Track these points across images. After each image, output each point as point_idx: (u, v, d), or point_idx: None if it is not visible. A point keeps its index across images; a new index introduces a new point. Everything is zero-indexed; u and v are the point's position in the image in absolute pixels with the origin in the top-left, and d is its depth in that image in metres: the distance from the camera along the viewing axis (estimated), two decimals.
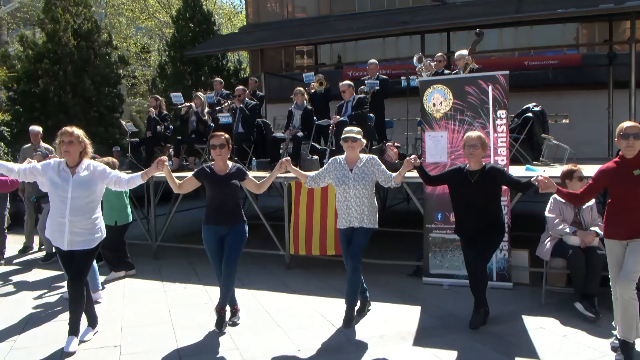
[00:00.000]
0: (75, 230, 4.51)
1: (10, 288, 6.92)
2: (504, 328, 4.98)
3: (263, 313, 5.62)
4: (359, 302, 5.39)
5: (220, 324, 5.08)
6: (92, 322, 5.06)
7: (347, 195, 5.07)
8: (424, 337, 4.85)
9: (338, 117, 8.42)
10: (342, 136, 5.13)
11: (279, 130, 11.19)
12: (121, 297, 6.36)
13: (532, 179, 4.42)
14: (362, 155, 5.16)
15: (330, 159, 5.28)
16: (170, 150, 10.61)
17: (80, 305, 4.72)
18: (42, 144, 8.85)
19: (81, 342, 4.79)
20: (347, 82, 8.62)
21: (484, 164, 5.00)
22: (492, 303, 5.26)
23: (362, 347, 4.65)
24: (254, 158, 9.23)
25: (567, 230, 5.46)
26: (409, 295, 6.12)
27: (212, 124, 9.67)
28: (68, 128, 4.56)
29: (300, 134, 8.73)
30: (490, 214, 4.96)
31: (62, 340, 4.87)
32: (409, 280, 6.79)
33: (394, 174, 5.09)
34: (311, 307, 5.79)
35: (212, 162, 5.13)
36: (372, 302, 5.65)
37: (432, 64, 8.62)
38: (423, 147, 6.73)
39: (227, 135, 5.09)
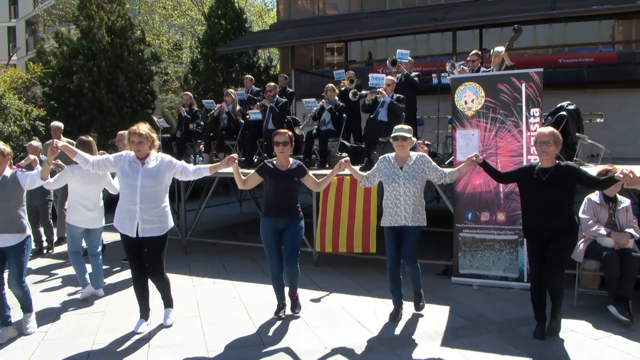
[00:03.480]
0: (145, 218, 4.79)
1: (43, 279, 7.07)
2: None
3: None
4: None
5: (279, 311, 5.49)
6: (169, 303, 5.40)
7: (397, 194, 5.06)
8: (453, 337, 4.81)
9: (382, 92, 8.31)
10: (392, 135, 5.10)
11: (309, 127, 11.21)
12: (150, 290, 6.42)
13: (615, 175, 4.25)
14: (412, 153, 5.18)
15: (380, 157, 5.30)
16: (201, 146, 10.75)
17: (167, 287, 5.27)
18: (63, 139, 9.02)
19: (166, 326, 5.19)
20: (391, 77, 8.56)
21: (557, 161, 4.75)
22: (523, 304, 5.19)
23: (390, 346, 4.63)
24: None
25: (602, 231, 5.34)
26: (437, 295, 6.05)
27: (243, 121, 9.74)
28: (135, 129, 4.75)
29: (324, 127, 8.73)
30: (561, 215, 4.64)
31: (92, 332, 5.02)
32: (438, 280, 6.73)
33: (447, 170, 5.12)
34: (338, 305, 5.78)
35: (274, 158, 5.27)
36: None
37: (466, 68, 8.49)
38: (454, 146, 6.66)
39: (290, 133, 5.23)
